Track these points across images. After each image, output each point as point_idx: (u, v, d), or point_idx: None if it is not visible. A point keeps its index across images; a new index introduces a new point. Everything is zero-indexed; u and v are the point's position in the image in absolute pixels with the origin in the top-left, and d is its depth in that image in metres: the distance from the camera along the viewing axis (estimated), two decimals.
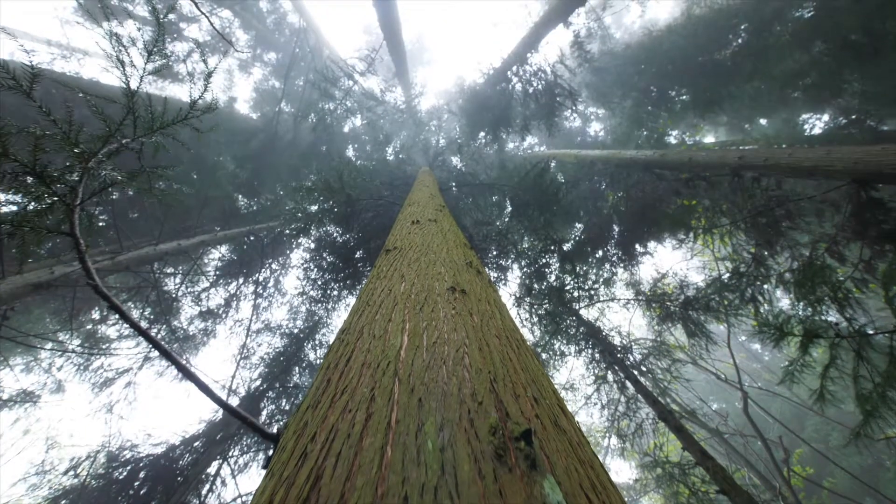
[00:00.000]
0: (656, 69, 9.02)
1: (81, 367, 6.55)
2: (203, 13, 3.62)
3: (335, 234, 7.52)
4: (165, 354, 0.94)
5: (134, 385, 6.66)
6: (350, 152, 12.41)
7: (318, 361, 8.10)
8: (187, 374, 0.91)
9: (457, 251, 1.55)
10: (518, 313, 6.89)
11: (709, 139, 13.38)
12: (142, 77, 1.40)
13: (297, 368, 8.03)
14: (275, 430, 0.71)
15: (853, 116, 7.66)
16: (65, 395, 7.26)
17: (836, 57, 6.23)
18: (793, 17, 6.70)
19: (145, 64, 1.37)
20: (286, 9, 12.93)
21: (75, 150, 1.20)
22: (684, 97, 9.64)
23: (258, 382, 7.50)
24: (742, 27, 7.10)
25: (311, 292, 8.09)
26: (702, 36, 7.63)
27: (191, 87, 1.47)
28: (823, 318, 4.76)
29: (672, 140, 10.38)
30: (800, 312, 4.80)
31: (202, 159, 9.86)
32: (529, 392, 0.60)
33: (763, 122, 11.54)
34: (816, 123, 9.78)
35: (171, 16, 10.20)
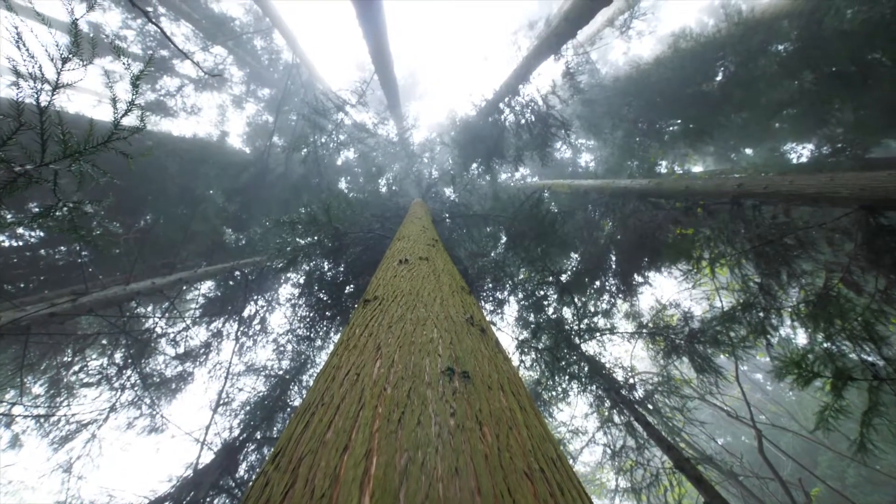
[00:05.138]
0: (645, 101, 9.14)
1: (41, 420, 5.93)
2: (182, 51, 3.45)
3: (325, 268, 7.19)
4: None
5: (98, 440, 6.02)
6: (343, 185, 12.30)
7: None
8: None
9: (453, 300, 1.24)
10: (521, 358, 6.49)
11: (696, 169, 13.55)
12: (54, 90, 1.12)
13: (281, 415, 7.44)
14: None
15: (839, 145, 7.73)
16: (21, 450, 6.56)
17: (825, 86, 6.29)
18: (777, 49, 6.83)
19: (58, 75, 1.10)
20: (280, 45, 13.19)
21: None
22: (674, 128, 9.75)
23: (238, 431, 6.88)
24: (729, 59, 7.23)
25: (299, 330, 7.65)
26: (689, 68, 7.76)
27: (113, 103, 1.18)
28: (841, 351, 4.46)
29: (662, 170, 10.42)
30: (818, 347, 4.50)
31: (190, 192, 9.63)
32: None
33: (749, 151, 11.72)
34: (802, 152, 9.90)
35: (163, 52, 10.27)
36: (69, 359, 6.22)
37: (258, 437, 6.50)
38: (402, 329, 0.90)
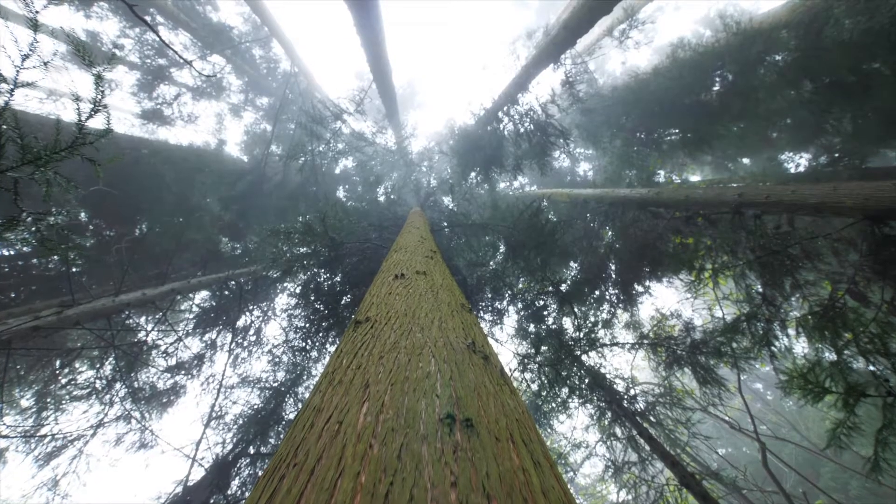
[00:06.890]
0: (644, 110, 9.14)
1: (27, 436, 5.73)
2: (180, 55, 3.40)
3: (321, 278, 7.08)
4: None
5: (85, 456, 5.81)
6: (341, 193, 12.24)
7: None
8: None
9: (452, 321, 1.14)
10: (523, 376, 6.37)
11: (694, 178, 13.58)
12: (12, 90, 1.03)
13: (276, 428, 7.26)
14: None
15: (836, 154, 7.72)
16: (5, 467, 6.34)
17: (824, 96, 6.29)
18: (775, 59, 6.84)
19: (17, 72, 1.00)
20: (278, 54, 13.22)
21: None
22: (672, 137, 9.74)
23: (231, 446, 6.70)
24: (727, 68, 7.24)
25: (295, 341, 7.51)
26: (687, 77, 7.76)
27: (76, 103, 1.09)
28: (848, 364, 4.36)
29: (661, 179, 10.40)
30: (824, 360, 4.40)
31: (186, 200, 9.54)
32: None
33: (746, 161, 11.73)
34: (800, 162, 9.90)
35: (161, 60, 10.25)
36: (57, 371, 6.05)
37: (251, 451, 6.32)
38: (395, 360, 0.79)
